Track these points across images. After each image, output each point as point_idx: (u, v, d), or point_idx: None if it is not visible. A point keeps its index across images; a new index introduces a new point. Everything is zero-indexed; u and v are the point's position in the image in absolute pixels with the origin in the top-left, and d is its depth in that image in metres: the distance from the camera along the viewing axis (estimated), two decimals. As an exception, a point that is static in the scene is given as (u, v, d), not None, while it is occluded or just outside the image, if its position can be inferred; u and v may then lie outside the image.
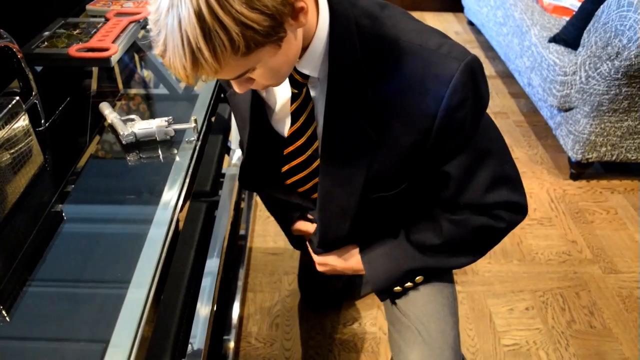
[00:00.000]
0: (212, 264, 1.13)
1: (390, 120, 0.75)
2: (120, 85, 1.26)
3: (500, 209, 0.86)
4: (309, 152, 0.85)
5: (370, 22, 0.73)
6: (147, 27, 0.67)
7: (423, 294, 0.98)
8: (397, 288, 0.97)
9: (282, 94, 0.83)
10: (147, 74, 1.43)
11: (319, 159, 0.83)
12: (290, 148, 0.85)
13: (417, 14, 3.62)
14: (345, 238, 0.95)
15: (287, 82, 0.78)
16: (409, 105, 0.73)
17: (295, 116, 0.81)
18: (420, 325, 0.95)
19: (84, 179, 0.82)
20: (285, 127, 0.85)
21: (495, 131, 0.87)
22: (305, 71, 0.75)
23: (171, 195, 0.77)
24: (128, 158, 0.85)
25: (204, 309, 1.05)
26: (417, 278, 0.96)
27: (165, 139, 0.86)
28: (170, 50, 0.59)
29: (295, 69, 0.75)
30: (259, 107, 0.85)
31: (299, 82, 0.77)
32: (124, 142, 0.84)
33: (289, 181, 0.93)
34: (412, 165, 0.80)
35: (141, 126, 0.84)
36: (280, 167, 0.90)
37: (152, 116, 1.17)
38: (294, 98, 0.80)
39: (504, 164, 0.85)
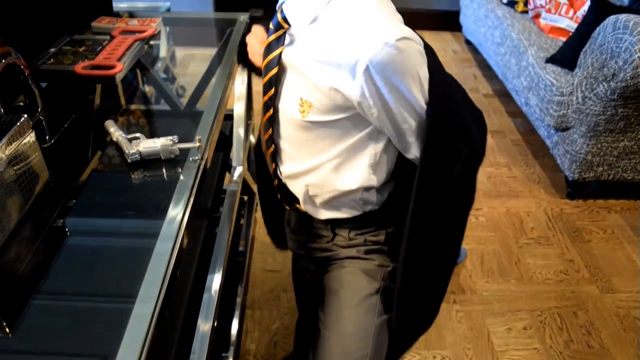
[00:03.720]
0: (213, 280, 1.14)
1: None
2: (123, 102, 1.28)
3: None
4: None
5: None
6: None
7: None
8: None
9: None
10: (149, 90, 1.45)
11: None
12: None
13: (415, 33, 3.67)
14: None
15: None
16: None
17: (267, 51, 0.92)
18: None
19: (89, 195, 0.83)
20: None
21: None
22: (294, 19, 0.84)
23: (176, 212, 0.78)
24: (133, 176, 0.85)
25: (204, 325, 1.05)
26: None
27: (170, 158, 0.86)
28: None
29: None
30: None
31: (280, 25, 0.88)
32: (129, 160, 0.84)
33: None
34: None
35: (146, 145, 0.85)
36: None
37: (156, 133, 1.18)
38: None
39: None
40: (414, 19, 3.69)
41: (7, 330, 0.62)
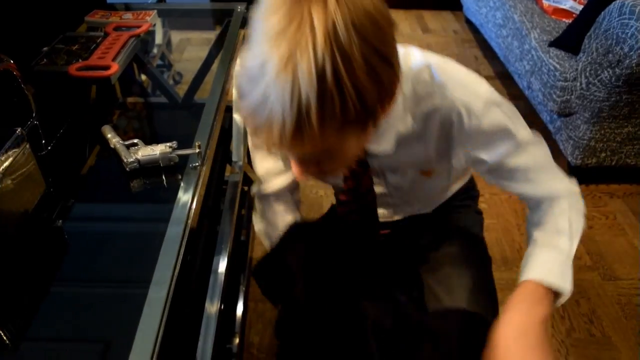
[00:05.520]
0: (218, 271, 1.13)
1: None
2: (120, 96, 1.25)
3: None
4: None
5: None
6: (236, 69, 0.62)
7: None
8: None
9: None
10: (146, 81, 1.42)
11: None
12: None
13: (415, 12, 3.61)
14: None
15: None
16: None
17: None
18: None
19: (88, 204, 0.82)
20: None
21: None
22: (379, 148, 0.81)
23: (181, 212, 0.77)
24: (131, 184, 0.84)
25: (211, 308, 1.05)
26: None
27: (169, 165, 0.85)
28: (272, 104, 0.54)
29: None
30: None
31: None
32: (127, 169, 0.83)
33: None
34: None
35: (145, 152, 0.83)
36: None
37: (154, 133, 1.16)
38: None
39: None
40: (415, -1, 3.63)
41: (28, 320, 0.64)
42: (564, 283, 0.78)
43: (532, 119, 2.47)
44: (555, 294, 0.79)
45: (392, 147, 0.81)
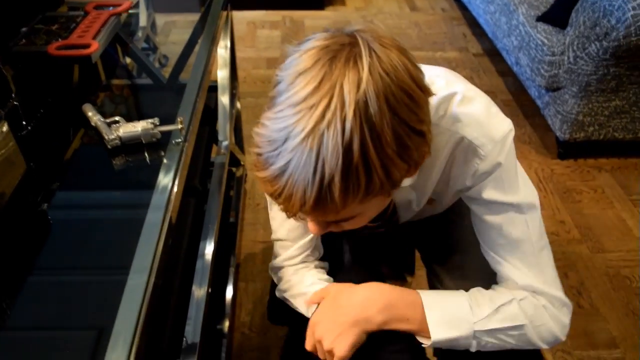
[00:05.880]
0: (205, 254, 1.13)
1: None
2: (103, 77, 1.24)
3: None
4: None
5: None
6: (255, 130, 0.56)
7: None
8: None
9: None
10: (129, 61, 1.40)
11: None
12: None
13: (403, -9, 3.58)
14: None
15: None
16: None
17: None
18: None
19: (70, 183, 0.81)
20: None
21: None
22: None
23: (162, 196, 0.76)
24: (114, 162, 0.83)
25: (199, 291, 1.05)
26: None
27: (152, 141, 0.84)
28: (294, 173, 0.51)
29: None
30: None
31: None
32: (109, 146, 0.82)
33: None
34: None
35: (126, 129, 0.82)
36: None
37: (138, 111, 1.15)
38: None
39: None
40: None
41: (7, 307, 0.63)
42: (437, 329, 0.72)
43: (521, 95, 2.47)
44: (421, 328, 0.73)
45: (409, 183, 0.76)
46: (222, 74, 1.52)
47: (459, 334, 0.71)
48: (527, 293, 0.75)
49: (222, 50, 1.54)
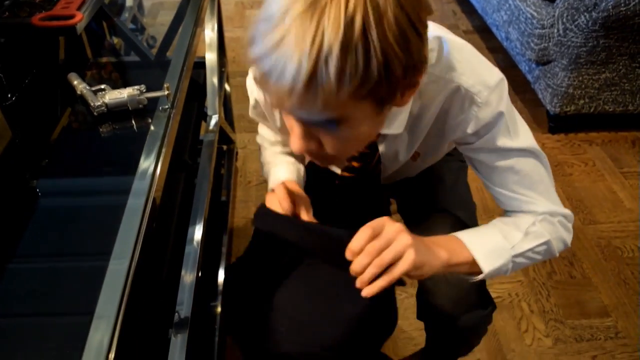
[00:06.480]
0: (195, 232, 1.12)
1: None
2: (89, 54, 1.22)
3: None
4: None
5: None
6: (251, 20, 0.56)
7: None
8: None
9: None
10: (116, 40, 1.38)
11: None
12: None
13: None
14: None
15: None
16: None
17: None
18: None
19: (57, 153, 0.80)
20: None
21: None
22: (389, 131, 0.76)
23: (148, 164, 0.75)
24: (101, 129, 0.82)
25: (188, 276, 1.05)
26: None
27: (138, 108, 0.83)
28: (289, 46, 0.49)
29: None
30: None
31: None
32: (95, 113, 0.81)
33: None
34: None
35: (112, 96, 0.81)
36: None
37: (124, 84, 1.14)
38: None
39: None
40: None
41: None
42: (486, 263, 0.76)
43: (511, 70, 2.47)
44: (472, 268, 0.78)
45: (403, 128, 0.76)
46: (210, 54, 1.51)
47: (502, 262, 0.77)
48: (540, 215, 0.80)
49: (209, 31, 1.52)
